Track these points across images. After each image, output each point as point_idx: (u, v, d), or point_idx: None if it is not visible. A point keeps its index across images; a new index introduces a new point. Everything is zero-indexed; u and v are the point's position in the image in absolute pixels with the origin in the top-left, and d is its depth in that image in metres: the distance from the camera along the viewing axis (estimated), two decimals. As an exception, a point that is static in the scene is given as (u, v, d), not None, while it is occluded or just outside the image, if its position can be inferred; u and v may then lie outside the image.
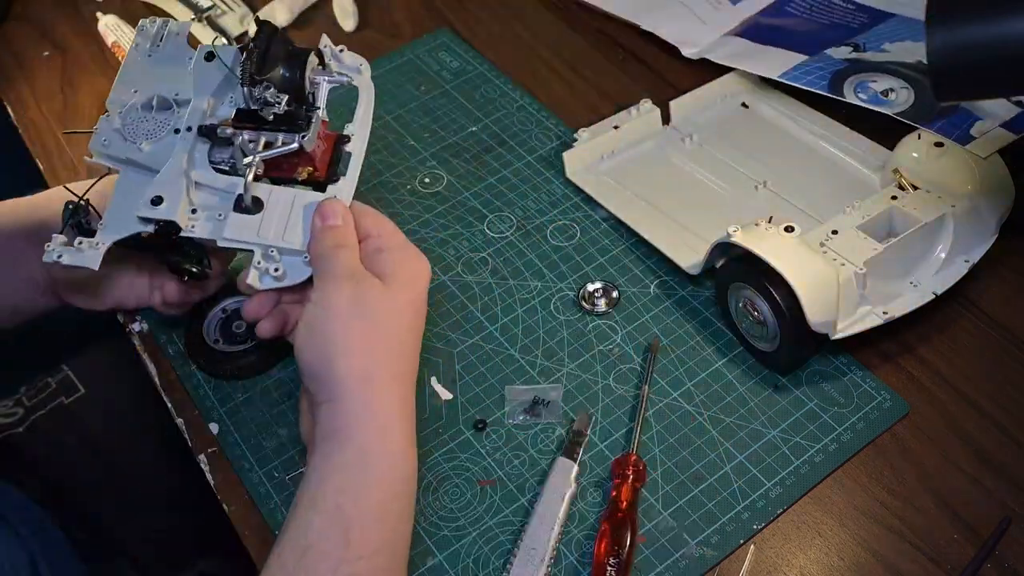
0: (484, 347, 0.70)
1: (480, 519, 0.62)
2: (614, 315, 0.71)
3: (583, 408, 0.66)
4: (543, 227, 0.78)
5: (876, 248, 0.64)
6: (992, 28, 0.52)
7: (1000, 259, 0.71)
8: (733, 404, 0.66)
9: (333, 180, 0.62)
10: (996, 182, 0.69)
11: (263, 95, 0.58)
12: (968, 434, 0.63)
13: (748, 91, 0.85)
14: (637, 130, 0.82)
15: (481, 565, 0.60)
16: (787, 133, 0.81)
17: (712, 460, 0.63)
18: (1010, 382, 0.65)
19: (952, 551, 0.58)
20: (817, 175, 0.77)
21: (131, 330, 0.75)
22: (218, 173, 0.61)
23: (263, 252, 0.59)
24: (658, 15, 0.93)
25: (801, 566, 0.58)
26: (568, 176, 0.80)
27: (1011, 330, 0.68)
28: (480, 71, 0.91)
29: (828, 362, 0.67)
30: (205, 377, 0.71)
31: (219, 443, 0.68)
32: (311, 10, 1.01)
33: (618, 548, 0.58)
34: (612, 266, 0.74)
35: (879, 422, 0.64)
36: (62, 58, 1.00)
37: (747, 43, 0.86)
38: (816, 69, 0.80)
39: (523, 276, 0.75)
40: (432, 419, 0.67)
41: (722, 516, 0.61)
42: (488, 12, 0.99)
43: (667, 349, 0.69)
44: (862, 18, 0.86)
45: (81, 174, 0.87)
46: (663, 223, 0.75)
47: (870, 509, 0.60)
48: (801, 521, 0.60)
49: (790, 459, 0.63)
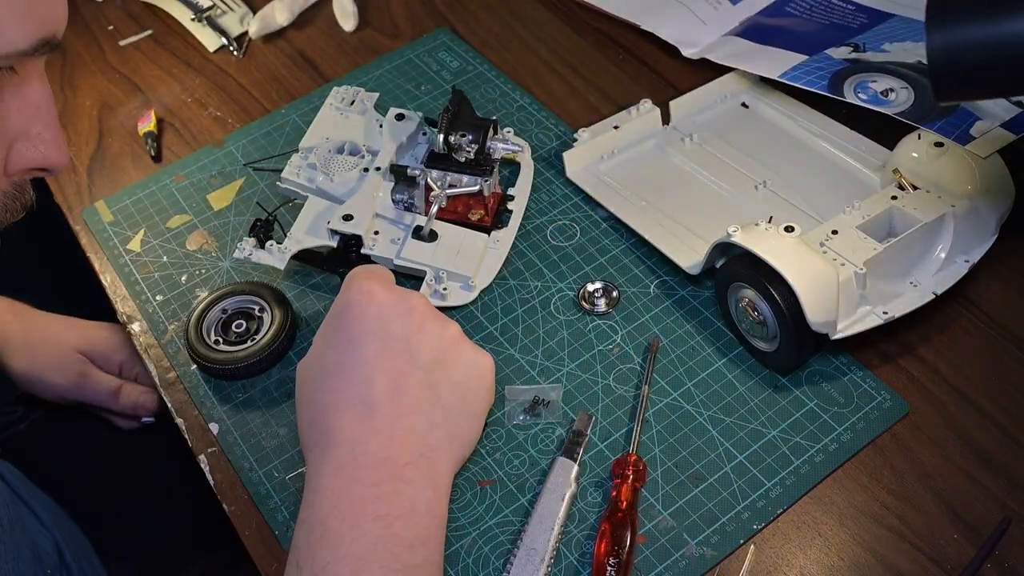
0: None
1: (480, 519, 0.62)
2: (614, 315, 0.71)
3: (583, 408, 0.66)
4: (543, 227, 0.78)
5: (876, 248, 0.64)
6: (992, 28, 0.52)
7: (1000, 259, 0.71)
8: (733, 404, 0.66)
9: (497, 227, 0.75)
10: (996, 182, 0.69)
11: (459, 141, 0.72)
12: (968, 434, 0.63)
13: (748, 91, 0.85)
14: (637, 130, 0.82)
15: (481, 565, 0.60)
16: (787, 133, 0.81)
17: (712, 460, 0.63)
18: (1010, 382, 0.65)
19: (952, 551, 0.58)
20: (817, 175, 0.77)
21: (131, 330, 0.75)
22: (397, 208, 0.75)
23: (435, 274, 0.72)
24: (658, 15, 0.93)
25: (801, 566, 0.58)
26: (568, 176, 0.80)
27: (1011, 330, 0.68)
28: (480, 71, 0.91)
29: (828, 362, 0.67)
30: (205, 377, 0.71)
31: (219, 443, 0.68)
32: (311, 10, 1.01)
33: (618, 548, 0.58)
34: (612, 266, 0.75)
35: (879, 422, 0.64)
36: (62, 58, 1.00)
37: (747, 43, 0.86)
38: (816, 69, 0.80)
39: (523, 276, 0.75)
40: (432, 419, 0.67)
41: (722, 516, 0.61)
42: (488, 12, 0.99)
43: (667, 349, 0.69)
44: (862, 18, 0.86)
45: (81, 175, 0.87)
46: (663, 223, 0.75)
47: (870, 509, 0.60)
48: (801, 521, 0.60)
49: (790, 459, 0.63)
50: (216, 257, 0.79)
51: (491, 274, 0.74)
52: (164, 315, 0.75)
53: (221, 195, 0.83)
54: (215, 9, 1.01)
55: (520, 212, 0.77)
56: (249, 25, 0.98)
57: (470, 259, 0.73)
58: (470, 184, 0.73)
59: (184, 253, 0.79)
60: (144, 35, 1.01)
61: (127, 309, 0.77)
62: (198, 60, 0.97)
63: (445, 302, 0.71)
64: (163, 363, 0.73)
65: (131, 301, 0.77)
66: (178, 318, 0.75)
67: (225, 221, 0.81)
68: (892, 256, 0.65)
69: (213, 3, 1.02)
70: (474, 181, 0.73)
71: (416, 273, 0.73)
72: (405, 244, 0.73)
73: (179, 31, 1.01)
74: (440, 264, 0.72)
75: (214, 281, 0.77)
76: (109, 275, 0.79)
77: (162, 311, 0.76)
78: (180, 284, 0.77)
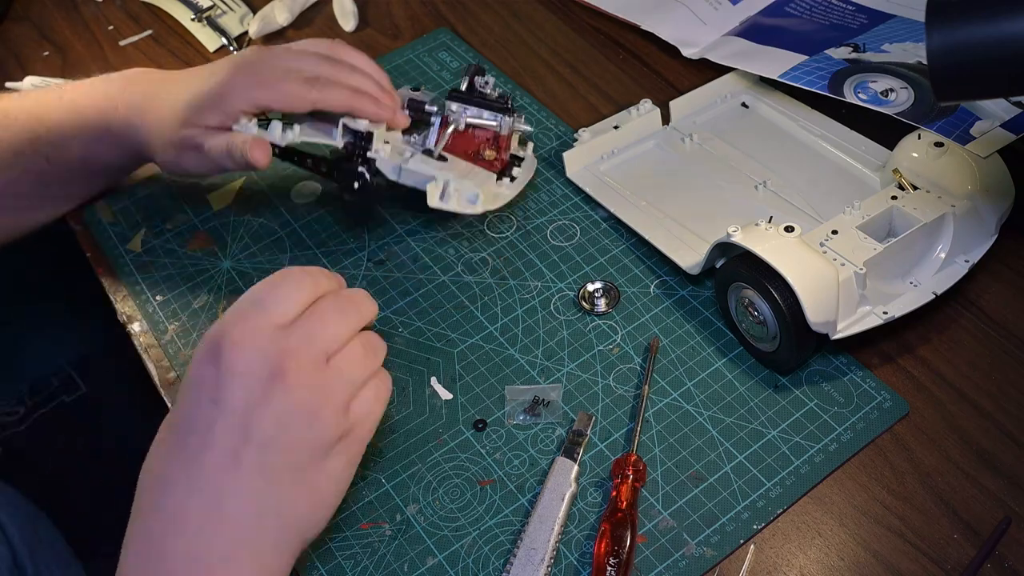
0: (484, 347, 0.70)
1: (480, 519, 0.62)
2: (614, 315, 0.71)
3: (583, 408, 0.66)
4: (543, 227, 0.78)
5: (876, 248, 0.64)
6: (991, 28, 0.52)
7: (1000, 259, 0.71)
8: (733, 404, 0.66)
9: (504, 176, 0.75)
10: (996, 182, 0.69)
11: (484, 83, 0.74)
12: (968, 434, 0.63)
13: (748, 91, 0.85)
14: (637, 130, 0.82)
15: (481, 565, 0.60)
16: (787, 133, 0.81)
17: (712, 460, 0.63)
18: (1010, 382, 0.65)
19: (952, 551, 0.58)
20: (817, 175, 0.77)
21: (131, 330, 0.75)
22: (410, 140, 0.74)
23: (442, 179, 0.71)
24: (658, 15, 0.93)
25: (801, 566, 0.58)
26: (568, 176, 0.80)
27: (1011, 330, 0.68)
28: (480, 71, 0.91)
29: (828, 362, 0.67)
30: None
31: (219, 443, 0.68)
32: (311, 10, 1.01)
33: (618, 548, 0.58)
34: (612, 266, 0.75)
35: (879, 422, 0.64)
36: (62, 58, 1.00)
37: (747, 43, 0.86)
38: (816, 69, 0.80)
39: (523, 276, 0.75)
40: (432, 419, 0.67)
41: (722, 516, 0.61)
42: (488, 12, 0.99)
43: (667, 349, 0.69)
44: (862, 19, 0.86)
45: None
46: (663, 223, 0.75)
47: (870, 509, 0.60)
48: (801, 521, 0.60)
49: (790, 459, 0.63)
50: (216, 257, 0.79)
51: (500, 200, 0.74)
52: (164, 315, 0.75)
53: (221, 195, 0.83)
54: (215, 9, 1.01)
55: (525, 179, 0.76)
56: (249, 25, 0.98)
57: (479, 183, 0.72)
58: (489, 119, 0.73)
59: (184, 253, 0.79)
60: (144, 35, 1.01)
61: (127, 309, 0.77)
62: (198, 60, 0.97)
63: (447, 205, 0.71)
64: (163, 363, 0.73)
65: (131, 301, 0.77)
66: (178, 318, 0.75)
67: (225, 221, 0.81)
68: (892, 256, 0.65)
69: (213, 3, 1.02)
70: (493, 117, 0.73)
71: (419, 187, 0.72)
72: (415, 157, 0.72)
73: (179, 31, 1.01)
74: (447, 176, 0.71)
75: (214, 281, 0.77)
76: (109, 275, 0.79)
77: (162, 311, 0.76)
78: (180, 284, 0.77)
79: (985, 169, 0.68)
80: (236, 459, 0.49)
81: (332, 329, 0.52)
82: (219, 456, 0.49)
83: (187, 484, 0.49)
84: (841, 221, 0.66)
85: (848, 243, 0.64)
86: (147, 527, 0.49)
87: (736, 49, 0.86)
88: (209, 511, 0.48)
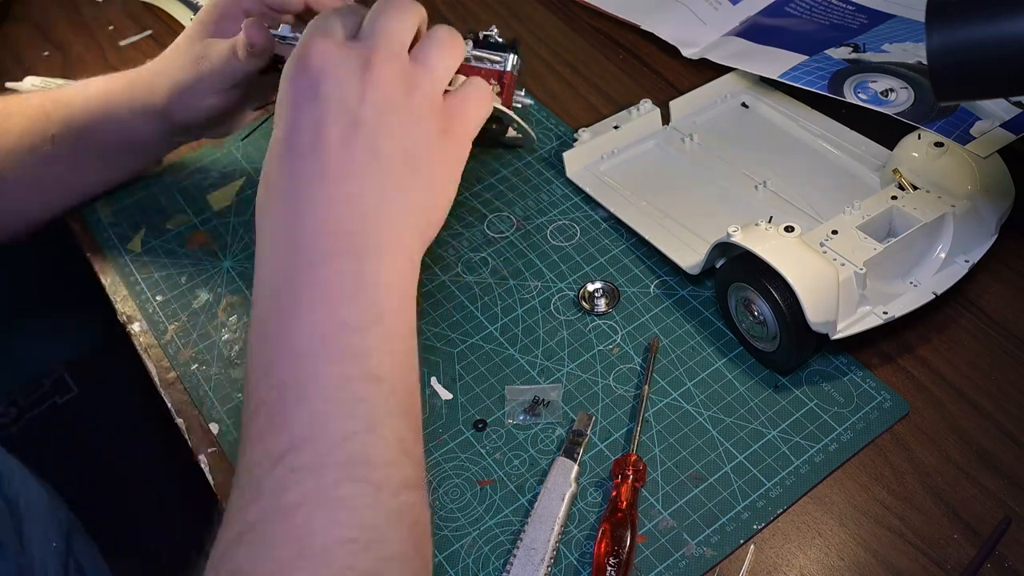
0: (484, 347, 0.70)
1: (480, 519, 0.62)
2: (614, 315, 0.71)
3: (583, 408, 0.66)
4: (543, 227, 0.78)
5: (876, 248, 0.64)
6: (991, 28, 0.52)
7: (1000, 259, 0.71)
8: (733, 404, 0.66)
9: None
10: (996, 182, 0.69)
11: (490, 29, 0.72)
12: (968, 434, 0.63)
13: (748, 91, 0.85)
14: (637, 130, 0.82)
15: (481, 565, 0.60)
16: (787, 133, 0.82)
17: (712, 460, 0.63)
18: (1010, 382, 0.65)
19: (952, 551, 0.58)
20: (817, 175, 0.77)
21: (131, 330, 0.75)
22: None
23: None
24: (658, 15, 0.93)
25: (801, 566, 0.58)
26: (568, 176, 0.80)
27: (1011, 330, 0.68)
28: (480, 71, 0.91)
29: (828, 362, 0.67)
30: (205, 377, 0.71)
31: (219, 443, 0.68)
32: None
33: (618, 548, 0.58)
34: (612, 266, 0.75)
35: (879, 422, 0.64)
36: (62, 58, 1.00)
37: (747, 43, 0.86)
38: (816, 69, 0.80)
39: (523, 276, 0.75)
40: (432, 419, 0.67)
41: (722, 516, 0.61)
42: (488, 12, 0.99)
43: (667, 349, 0.69)
44: (862, 19, 0.86)
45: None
46: (663, 223, 0.75)
47: (870, 509, 0.60)
48: (801, 521, 0.60)
49: (790, 459, 0.63)
50: (216, 257, 0.79)
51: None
52: (164, 315, 0.75)
53: (221, 195, 0.83)
54: (215, 9, 1.01)
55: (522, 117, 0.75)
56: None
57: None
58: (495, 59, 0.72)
59: (184, 253, 0.79)
60: (144, 35, 1.01)
61: (127, 309, 0.77)
62: (198, 60, 0.97)
63: None
64: (163, 363, 0.73)
65: (131, 301, 0.77)
66: (178, 318, 0.75)
67: (225, 221, 0.81)
68: (892, 256, 0.65)
69: (213, 3, 1.01)
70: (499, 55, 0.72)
71: None
72: None
73: (179, 31, 1.00)
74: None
75: (214, 281, 0.77)
76: (109, 275, 0.79)
77: (162, 311, 0.76)
78: (180, 284, 0.77)
79: (985, 169, 0.68)
80: (348, 145, 0.52)
81: (396, 24, 0.56)
82: (333, 142, 0.52)
83: (309, 172, 0.51)
84: (841, 221, 0.66)
85: (848, 243, 0.64)
86: (276, 214, 0.52)
87: (736, 49, 0.86)
88: (333, 190, 0.51)
